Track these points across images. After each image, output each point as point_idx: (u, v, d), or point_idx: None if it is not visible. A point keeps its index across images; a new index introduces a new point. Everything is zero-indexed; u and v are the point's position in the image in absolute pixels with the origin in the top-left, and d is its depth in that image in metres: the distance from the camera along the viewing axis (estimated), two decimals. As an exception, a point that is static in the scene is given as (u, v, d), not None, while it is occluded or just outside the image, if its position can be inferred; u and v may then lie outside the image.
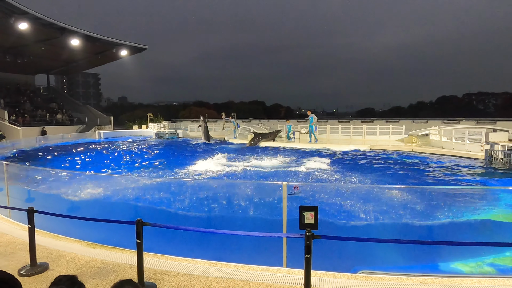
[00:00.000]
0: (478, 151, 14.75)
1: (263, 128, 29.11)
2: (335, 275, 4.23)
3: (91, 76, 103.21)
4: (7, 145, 19.40)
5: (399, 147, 18.72)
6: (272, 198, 5.38)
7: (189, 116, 55.38)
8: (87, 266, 4.68)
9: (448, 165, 13.47)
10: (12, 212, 7.36)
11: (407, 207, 5.57)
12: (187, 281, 4.15)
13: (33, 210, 4.59)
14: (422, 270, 4.67)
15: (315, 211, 3.45)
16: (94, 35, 31.05)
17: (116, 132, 32.25)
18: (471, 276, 4.30)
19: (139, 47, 36.32)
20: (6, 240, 5.84)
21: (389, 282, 3.99)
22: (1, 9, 23.52)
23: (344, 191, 6.25)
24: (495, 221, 5.74)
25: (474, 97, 76.36)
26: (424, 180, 10.73)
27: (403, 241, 4.04)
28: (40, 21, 26.26)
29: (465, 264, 4.95)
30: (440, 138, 17.67)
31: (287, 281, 4.11)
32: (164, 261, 4.82)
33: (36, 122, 30.89)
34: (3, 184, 8.09)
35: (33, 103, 35.09)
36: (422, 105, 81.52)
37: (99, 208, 7.49)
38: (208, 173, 11.97)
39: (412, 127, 24.53)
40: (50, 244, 5.59)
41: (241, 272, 4.38)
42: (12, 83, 36.22)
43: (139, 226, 3.85)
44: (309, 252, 3.37)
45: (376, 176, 11.21)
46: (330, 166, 13.29)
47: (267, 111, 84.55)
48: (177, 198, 7.17)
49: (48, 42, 30.46)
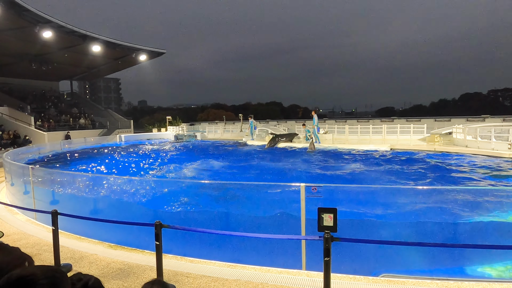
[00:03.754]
0: (506, 149, 14.17)
1: (281, 129, 29.00)
2: (356, 278, 4.14)
3: (112, 81, 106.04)
4: (33, 150, 20.11)
5: (421, 146, 18.20)
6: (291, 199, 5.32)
7: (207, 119, 55.84)
8: (109, 267, 4.76)
9: (477, 163, 12.99)
10: (38, 214, 7.61)
11: (431, 208, 5.39)
12: (205, 283, 4.15)
13: (57, 212, 4.71)
14: (447, 274, 4.50)
15: (334, 213, 3.39)
16: (114, 41, 31.83)
17: (136, 136, 32.90)
18: (500, 281, 4.11)
19: (158, 52, 36.95)
20: (32, 241, 6.04)
21: (412, 287, 3.86)
22: (27, 19, 24.48)
23: (364, 192, 6.12)
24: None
25: (500, 93, 73.39)
26: (448, 180, 10.39)
27: (426, 244, 3.90)
28: (63, 29, 27.17)
29: (492, 268, 4.74)
30: (465, 136, 17.07)
31: (306, 284, 4.04)
32: (183, 263, 4.85)
33: (60, 127, 31.90)
34: (30, 187, 8.38)
35: (57, 108, 36.30)
36: (444, 102, 79.22)
37: (119, 210, 7.63)
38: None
39: (435, 125, 23.82)
40: (73, 245, 5.74)
41: (260, 274, 4.35)
42: (38, 89, 37.58)
43: (158, 228, 3.89)
44: (328, 255, 3.31)
45: (397, 176, 10.94)
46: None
47: (285, 112, 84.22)
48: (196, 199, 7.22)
49: (71, 49, 31.44)
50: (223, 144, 26.35)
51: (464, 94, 77.98)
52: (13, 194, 9.78)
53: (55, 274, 1.18)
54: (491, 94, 74.17)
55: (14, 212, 8.19)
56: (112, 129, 35.94)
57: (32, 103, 33.22)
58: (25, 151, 18.10)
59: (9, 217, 7.76)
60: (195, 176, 12.66)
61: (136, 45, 34.34)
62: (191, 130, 34.45)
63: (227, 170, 13.80)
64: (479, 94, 74.85)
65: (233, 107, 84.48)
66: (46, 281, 1.12)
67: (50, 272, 1.17)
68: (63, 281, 1.19)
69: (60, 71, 37.60)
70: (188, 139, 30.86)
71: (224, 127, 34.39)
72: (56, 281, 1.15)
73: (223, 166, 14.50)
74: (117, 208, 7.62)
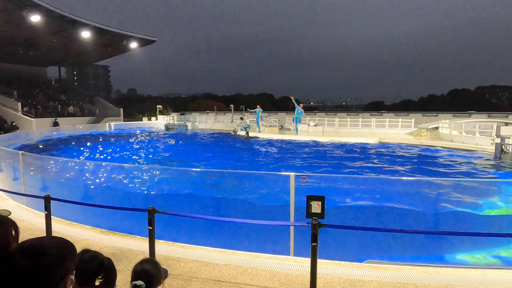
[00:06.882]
0: (488, 144, 14.58)
1: (272, 120, 29.14)
2: (341, 264, 4.32)
3: (101, 68, 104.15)
4: (21, 135, 19.82)
5: (408, 140, 18.59)
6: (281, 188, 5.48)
7: (197, 109, 55.46)
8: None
9: (457, 158, 13.37)
10: (28, 199, 7.61)
11: (414, 198, 5.61)
12: (196, 267, 4.29)
13: (50, 197, 4.76)
14: (427, 261, 4.73)
15: (322, 200, 3.53)
16: (104, 27, 31.23)
17: (126, 124, 32.60)
18: (477, 267, 4.35)
19: (148, 39, 36.42)
20: (23, 226, 6.06)
21: (394, 272, 4.06)
22: (14, 2, 23.81)
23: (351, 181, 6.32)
24: (502, 215, 5.75)
25: (487, 90, 74.72)
26: (431, 172, 10.70)
27: (409, 231, 4.10)
28: (52, 13, 26.52)
29: (471, 256, 4.99)
30: (450, 131, 17.49)
31: (294, 269, 4.21)
32: (175, 248, 4.97)
33: (48, 114, 31.38)
34: (19, 174, 8.35)
35: (45, 94, 35.63)
36: (433, 98, 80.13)
37: (110, 196, 7.68)
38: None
39: (422, 120, 24.26)
40: (65, 230, 5.80)
41: (249, 259, 4.50)
42: (25, 75, 36.77)
43: (151, 214, 3.99)
44: (315, 241, 3.46)
45: (384, 168, 11.21)
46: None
47: (276, 103, 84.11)
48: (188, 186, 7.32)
49: (59, 34, 30.75)
50: (221, 136, 24.26)
51: (453, 90, 79.04)
52: (2, 180, 9.71)
53: (63, 245, 1.27)
54: (478, 91, 75.44)
55: (3, 197, 8.15)
56: (101, 117, 35.50)
57: (19, 89, 32.52)
58: (13, 137, 17.83)
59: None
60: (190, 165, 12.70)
61: (127, 32, 33.77)
62: (182, 119, 34.28)
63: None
64: (467, 91, 76.01)
65: (224, 97, 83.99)
66: (55, 252, 1.21)
67: (59, 244, 1.27)
68: (71, 252, 1.29)
69: (48, 57, 36.77)
70: (179, 128, 30.73)
71: (215, 117, 34.32)
72: (64, 252, 1.25)
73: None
74: (107, 194, 7.68)
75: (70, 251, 1.27)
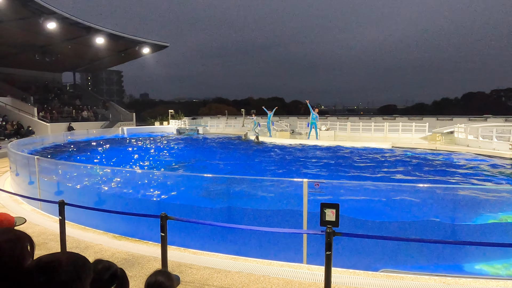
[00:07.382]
0: (507, 149, 14.21)
1: (283, 124, 29.07)
2: (356, 273, 4.23)
3: (114, 73, 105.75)
4: (37, 140, 20.24)
5: (422, 145, 18.25)
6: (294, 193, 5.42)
7: (209, 113, 55.78)
8: (114, 257, 4.87)
9: (475, 164, 13.05)
10: (43, 204, 7.72)
11: (432, 207, 5.47)
12: (208, 274, 4.25)
13: (64, 202, 4.81)
14: (445, 271, 4.59)
15: (336, 208, 3.46)
16: (117, 33, 31.79)
17: (138, 128, 33.00)
18: (497, 278, 4.20)
19: (161, 45, 36.91)
20: (38, 230, 6.14)
21: (410, 282, 3.95)
22: (31, 9, 24.47)
23: (366, 189, 6.20)
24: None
25: (503, 93, 73.01)
26: (449, 179, 10.45)
27: (425, 240, 3.99)
28: (67, 20, 27.15)
29: (490, 266, 4.83)
30: (466, 136, 17.12)
31: (307, 278, 4.14)
32: (187, 254, 4.95)
33: (63, 118, 31.97)
34: (35, 178, 8.49)
35: (60, 100, 36.35)
36: (446, 101, 78.83)
37: (123, 202, 7.73)
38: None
39: (436, 124, 23.88)
40: (78, 235, 5.85)
41: (261, 267, 4.45)
42: (41, 80, 37.60)
43: (163, 220, 3.98)
44: (329, 249, 3.39)
45: (398, 175, 11.01)
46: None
47: (287, 107, 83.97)
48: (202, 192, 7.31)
49: (74, 41, 31.42)
50: (230, 140, 24.31)
51: (467, 93, 77.61)
52: (18, 184, 9.89)
53: (78, 260, 1.27)
54: (494, 94, 73.83)
55: (19, 201, 8.30)
56: (114, 122, 35.99)
57: (35, 94, 33.26)
58: (29, 142, 18.21)
59: (15, 207, 7.87)
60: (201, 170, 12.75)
61: (139, 38, 34.30)
62: (193, 124, 34.51)
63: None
64: (482, 94, 74.51)
65: (235, 101, 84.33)
66: (72, 268, 1.22)
67: (75, 259, 1.27)
68: (85, 267, 1.29)
69: (63, 63, 37.58)
70: (190, 133, 30.93)
71: (226, 121, 34.43)
72: (81, 269, 1.25)
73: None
74: (121, 200, 7.73)
75: (86, 267, 1.28)
